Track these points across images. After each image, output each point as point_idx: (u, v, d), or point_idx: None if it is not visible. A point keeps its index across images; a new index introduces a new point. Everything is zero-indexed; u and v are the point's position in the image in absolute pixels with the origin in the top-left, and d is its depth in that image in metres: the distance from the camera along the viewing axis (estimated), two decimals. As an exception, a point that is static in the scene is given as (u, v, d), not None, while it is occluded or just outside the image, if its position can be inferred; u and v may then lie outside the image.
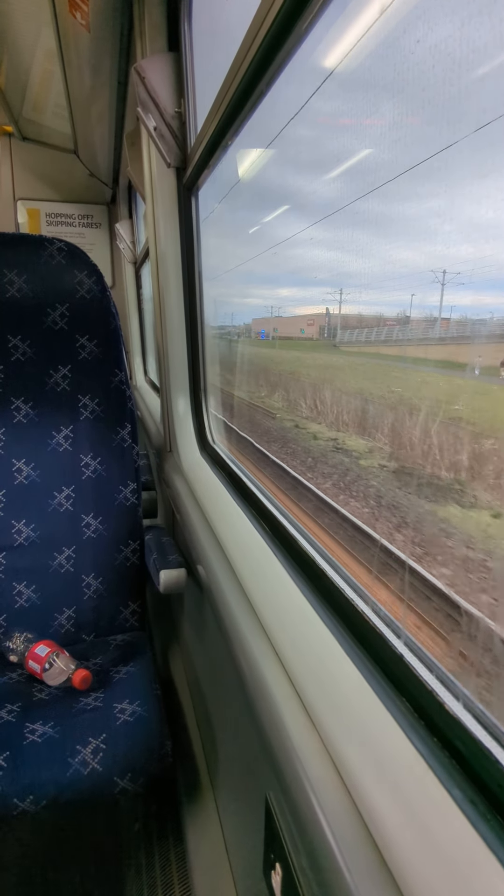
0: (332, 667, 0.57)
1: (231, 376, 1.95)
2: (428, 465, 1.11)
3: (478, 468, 1.01)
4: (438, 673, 0.50)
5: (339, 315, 1.58)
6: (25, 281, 1.24)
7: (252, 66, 0.76)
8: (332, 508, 1.56)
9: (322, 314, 1.67)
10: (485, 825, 0.37)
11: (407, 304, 1.01)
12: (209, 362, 1.45)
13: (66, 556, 1.32)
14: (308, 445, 2.06)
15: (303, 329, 1.84)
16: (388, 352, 1.36)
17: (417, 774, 0.43)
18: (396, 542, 1.10)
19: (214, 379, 1.50)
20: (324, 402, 1.99)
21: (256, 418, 2.49)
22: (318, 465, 1.91)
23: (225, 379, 1.70)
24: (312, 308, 1.72)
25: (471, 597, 0.85)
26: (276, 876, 0.63)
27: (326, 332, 1.66)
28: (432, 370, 0.97)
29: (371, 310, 1.34)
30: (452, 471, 1.06)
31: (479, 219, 0.58)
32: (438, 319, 0.97)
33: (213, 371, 1.48)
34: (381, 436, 1.49)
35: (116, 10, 1.29)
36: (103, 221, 3.13)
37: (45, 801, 0.92)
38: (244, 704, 0.67)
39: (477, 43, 0.52)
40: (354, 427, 1.70)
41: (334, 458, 1.79)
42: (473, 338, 0.82)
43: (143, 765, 0.98)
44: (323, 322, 1.70)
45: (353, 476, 1.64)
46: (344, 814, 0.45)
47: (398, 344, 1.26)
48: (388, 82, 0.67)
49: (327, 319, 1.66)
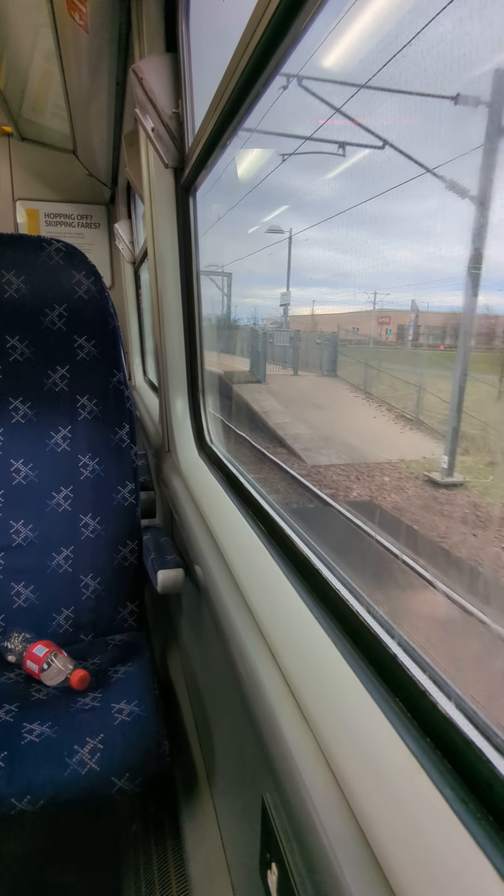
0: (327, 667, 0.58)
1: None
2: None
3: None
4: (431, 673, 0.50)
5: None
6: (24, 281, 1.24)
7: (249, 67, 0.76)
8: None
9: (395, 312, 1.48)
10: (476, 825, 0.38)
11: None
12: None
13: (64, 556, 1.32)
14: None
15: (389, 330, 1.67)
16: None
17: (410, 774, 0.43)
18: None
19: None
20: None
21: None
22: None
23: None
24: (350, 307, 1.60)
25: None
26: (273, 876, 0.63)
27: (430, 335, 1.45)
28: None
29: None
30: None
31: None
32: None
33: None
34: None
35: (114, 10, 1.29)
36: (102, 222, 3.13)
37: (42, 801, 0.92)
38: (241, 704, 0.67)
39: (473, 44, 0.52)
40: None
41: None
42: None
43: (141, 765, 0.98)
44: (402, 320, 1.50)
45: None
46: (338, 814, 0.45)
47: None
48: (385, 82, 0.68)
49: (414, 318, 1.47)
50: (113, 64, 1.56)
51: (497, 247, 0.91)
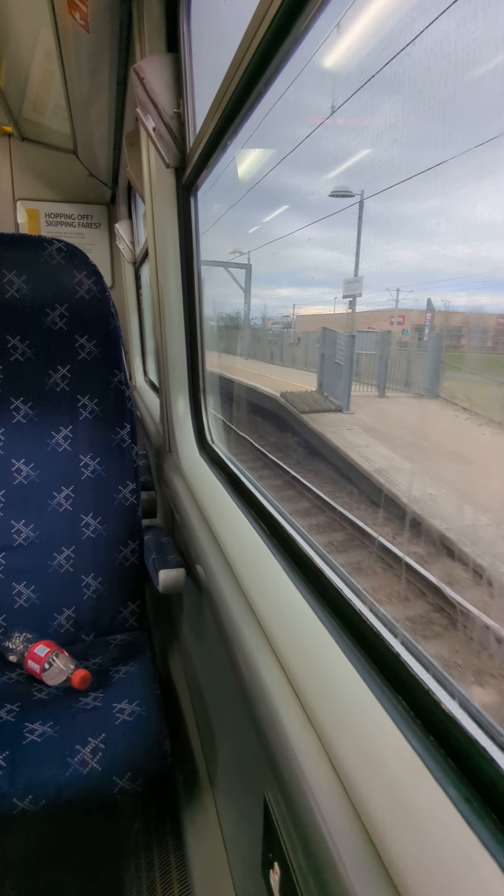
0: (330, 666, 0.58)
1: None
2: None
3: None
4: (435, 671, 0.50)
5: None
6: (25, 281, 1.24)
7: (251, 66, 0.76)
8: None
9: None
10: (480, 823, 0.38)
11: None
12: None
13: (65, 556, 1.32)
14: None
15: (406, 331, 1.44)
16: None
17: (414, 773, 0.43)
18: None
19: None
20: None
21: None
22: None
23: None
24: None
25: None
26: (275, 875, 0.63)
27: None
28: None
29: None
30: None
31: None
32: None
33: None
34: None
35: (115, 10, 1.29)
36: (103, 221, 3.13)
37: (44, 801, 0.92)
38: (243, 704, 0.67)
39: (474, 44, 0.52)
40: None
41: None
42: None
43: (143, 764, 0.98)
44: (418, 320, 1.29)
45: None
46: (341, 813, 0.45)
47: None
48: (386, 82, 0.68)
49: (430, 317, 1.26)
50: (114, 64, 1.56)
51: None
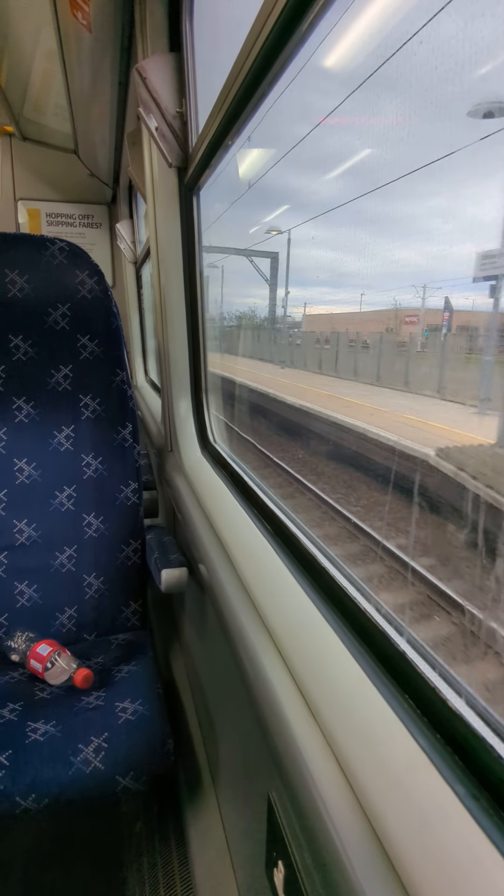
0: (335, 664, 0.58)
1: None
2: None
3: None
4: (441, 669, 0.50)
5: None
6: (27, 281, 1.24)
7: (254, 66, 0.76)
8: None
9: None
10: (488, 821, 0.38)
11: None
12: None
13: (67, 555, 1.32)
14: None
15: (425, 331, 1.42)
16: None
17: (420, 771, 0.43)
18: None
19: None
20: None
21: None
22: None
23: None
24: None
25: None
26: (279, 874, 0.63)
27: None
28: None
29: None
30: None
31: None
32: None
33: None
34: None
35: (117, 9, 1.30)
36: (104, 221, 3.13)
37: (47, 800, 0.92)
38: (246, 703, 0.68)
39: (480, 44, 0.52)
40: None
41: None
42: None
43: (145, 763, 0.98)
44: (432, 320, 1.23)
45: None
46: (347, 811, 0.45)
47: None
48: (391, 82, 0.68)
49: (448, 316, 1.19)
50: (115, 63, 1.56)
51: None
